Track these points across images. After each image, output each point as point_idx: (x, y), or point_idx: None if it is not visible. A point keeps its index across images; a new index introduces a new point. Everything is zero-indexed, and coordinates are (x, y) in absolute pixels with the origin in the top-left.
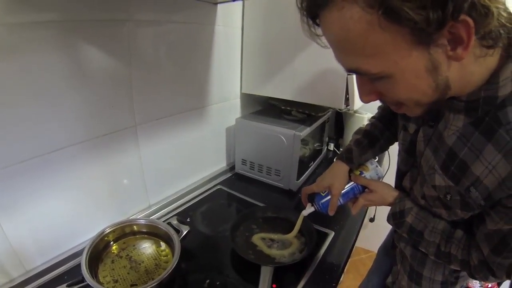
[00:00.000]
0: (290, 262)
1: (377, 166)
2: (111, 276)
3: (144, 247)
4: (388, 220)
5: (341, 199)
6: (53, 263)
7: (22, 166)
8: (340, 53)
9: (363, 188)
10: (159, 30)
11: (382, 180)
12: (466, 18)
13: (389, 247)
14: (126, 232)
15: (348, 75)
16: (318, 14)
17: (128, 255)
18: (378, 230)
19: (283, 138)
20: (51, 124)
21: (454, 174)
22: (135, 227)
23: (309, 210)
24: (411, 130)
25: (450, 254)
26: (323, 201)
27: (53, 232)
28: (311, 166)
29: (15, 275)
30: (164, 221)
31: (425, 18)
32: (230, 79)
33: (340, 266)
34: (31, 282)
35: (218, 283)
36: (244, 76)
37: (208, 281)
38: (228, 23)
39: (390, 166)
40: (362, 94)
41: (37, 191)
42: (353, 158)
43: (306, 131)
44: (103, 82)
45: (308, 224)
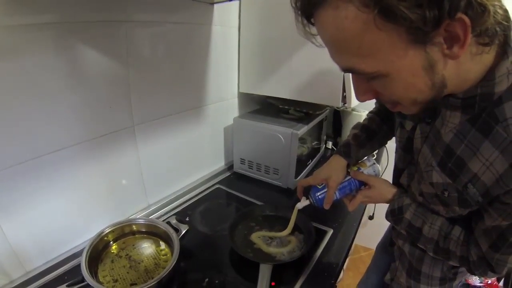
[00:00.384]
0: (288, 260)
1: (374, 163)
2: (111, 276)
3: (144, 246)
4: (386, 217)
5: (337, 193)
6: (53, 263)
7: (21, 167)
8: (336, 52)
9: (360, 185)
10: (156, 31)
11: (379, 174)
12: (463, 16)
13: (387, 244)
14: (125, 232)
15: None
16: (313, 13)
17: (127, 254)
18: (378, 228)
19: (281, 137)
20: (49, 125)
21: (452, 171)
22: (134, 226)
23: (304, 203)
24: (408, 127)
25: (449, 250)
26: (319, 193)
27: (52, 233)
28: (309, 164)
29: (16, 276)
30: (163, 220)
31: (421, 17)
32: (227, 78)
33: (339, 263)
34: (31, 283)
35: (217, 281)
36: (241, 75)
37: (207, 279)
38: (225, 23)
39: (388, 164)
40: (358, 93)
41: (36, 192)
42: (351, 153)
43: (303, 129)
44: (101, 82)
45: (307, 222)
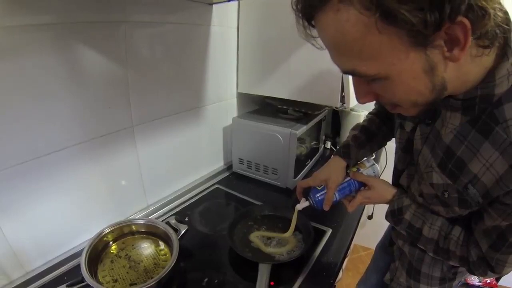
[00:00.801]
0: (287, 260)
1: (374, 164)
2: (110, 276)
3: (143, 246)
4: (386, 217)
5: (337, 195)
6: (52, 264)
7: (20, 167)
8: (336, 55)
9: (359, 186)
10: (155, 31)
11: (378, 175)
12: (463, 19)
13: (386, 244)
14: (125, 232)
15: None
16: (314, 16)
17: (127, 254)
18: (377, 228)
19: (280, 137)
20: (48, 126)
21: (452, 172)
22: (133, 227)
23: (303, 204)
24: (408, 128)
25: (449, 250)
26: (318, 195)
27: (52, 233)
28: (308, 164)
29: (15, 277)
30: (163, 221)
31: (422, 20)
32: (226, 78)
33: (338, 263)
34: (31, 283)
35: (216, 281)
36: (240, 75)
37: (206, 279)
38: (224, 23)
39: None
40: (359, 95)
41: (35, 192)
42: (350, 154)
43: (302, 129)
44: (100, 83)
45: (305, 222)
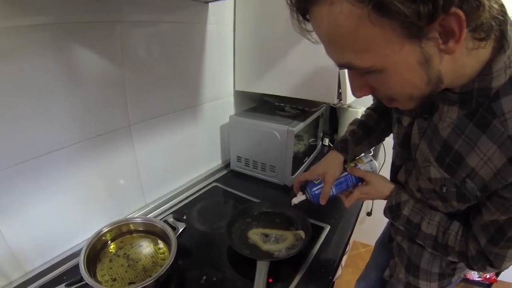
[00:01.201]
0: (285, 257)
1: (371, 160)
2: (109, 275)
3: (141, 245)
4: (384, 213)
5: (333, 189)
6: (51, 264)
7: (18, 168)
8: (331, 48)
9: (357, 181)
10: (151, 30)
11: (375, 171)
12: (457, 11)
13: (386, 240)
14: (123, 231)
15: (340, 69)
16: (308, 10)
17: (125, 253)
18: (376, 224)
19: (277, 134)
20: (45, 126)
21: (450, 166)
22: (131, 226)
23: (300, 198)
24: (405, 122)
25: (448, 246)
26: (315, 189)
27: (50, 233)
28: (305, 161)
29: (14, 277)
30: (161, 219)
31: (415, 12)
32: (223, 77)
33: (336, 259)
34: (30, 284)
35: (214, 278)
36: (237, 73)
37: (205, 277)
38: (220, 22)
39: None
40: (354, 89)
41: (34, 193)
42: (348, 149)
43: (299, 126)
44: (97, 82)
45: (304, 218)
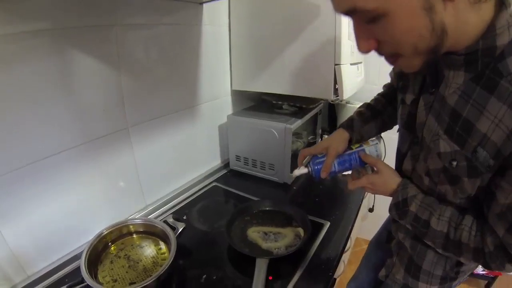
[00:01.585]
0: (285, 254)
1: (377, 143)
2: (110, 276)
3: (142, 246)
4: (390, 211)
5: (336, 165)
6: (54, 266)
7: (18, 172)
8: None
9: (361, 163)
10: (146, 33)
11: (380, 156)
12: None
13: (382, 240)
14: (123, 233)
15: (336, 65)
16: None
17: (126, 254)
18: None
19: (275, 132)
20: (44, 130)
21: (459, 136)
22: (132, 227)
23: (301, 171)
24: (408, 100)
25: (461, 243)
26: (317, 161)
27: (52, 236)
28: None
29: (17, 281)
30: (161, 220)
31: None
32: (220, 76)
33: (337, 256)
34: (33, 286)
35: (215, 277)
36: (233, 73)
37: (205, 276)
38: (215, 22)
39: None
40: (359, 40)
41: (34, 196)
42: (354, 127)
43: (297, 123)
44: (94, 85)
45: (303, 215)
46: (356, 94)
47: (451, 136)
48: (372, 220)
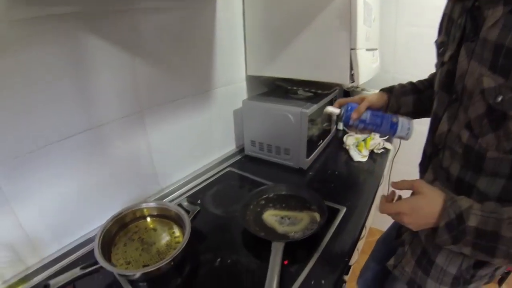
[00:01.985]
0: (301, 238)
1: (411, 120)
2: (123, 259)
3: (156, 229)
4: (438, 239)
5: (368, 115)
6: (67, 249)
7: (33, 155)
8: None
9: (392, 125)
10: (161, 17)
11: (409, 135)
12: None
13: (391, 237)
14: (137, 216)
15: (352, 49)
16: None
17: (140, 237)
18: None
19: (290, 116)
20: (58, 113)
21: (503, 67)
22: (145, 210)
23: (334, 109)
24: (447, 57)
25: None
26: (351, 107)
27: (66, 219)
28: (320, 144)
29: (31, 263)
30: (175, 204)
31: None
32: (234, 62)
33: (353, 241)
34: (46, 269)
35: (229, 261)
36: (248, 58)
37: (219, 259)
38: (229, 7)
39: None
40: None
41: (48, 180)
42: (393, 91)
43: (312, 108)
44: (108, 70)
45: (319, 200)
46: (371, 81)
47: (495, 70)
48: None
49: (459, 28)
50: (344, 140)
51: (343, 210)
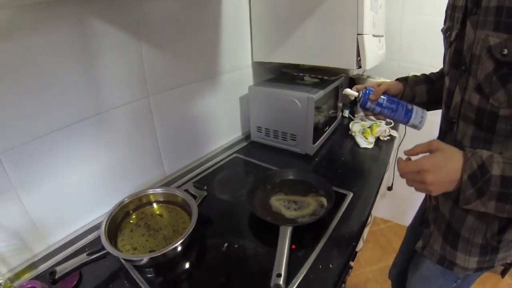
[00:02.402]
0: (308, 222)
1: (424, 110)
2: (130, 245)
3: (162, 215)
4: (463, 195)
5: (385, 97)
6: (73, 236)
7: (39, 141)
8: None
9: (407, 112)
10: (167, 3)
11: (422, 124)
12: None
13: (417, 224)
14: (143, 202)
15: (359, 35)
16: None
17: (146, 223)
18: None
19: (297, 102)
20: (64, 99)
21: (506, 24)
22: (152, 196)
23: (352, 92)
24: (453, 35)
25: None
26: (368, 91)
27: (72, 206)
28: (326, 131)
29: (37, 250)
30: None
31: None
32: (240, 48)
33: (360, 225)
34: (53, 256)
35: (236, 245)
36: (254, 44)
37: (226, 244)
38: None
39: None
40: None
41: (54, 166)
42: (408, 80)
43: (319, 93)
44: (115, 55)
45: (326, 185)
46: (377, 68)
47: (499, 29)
48: (390, 199)
49: (461, 9)
50: (350, 126)
51: (350, 195)
